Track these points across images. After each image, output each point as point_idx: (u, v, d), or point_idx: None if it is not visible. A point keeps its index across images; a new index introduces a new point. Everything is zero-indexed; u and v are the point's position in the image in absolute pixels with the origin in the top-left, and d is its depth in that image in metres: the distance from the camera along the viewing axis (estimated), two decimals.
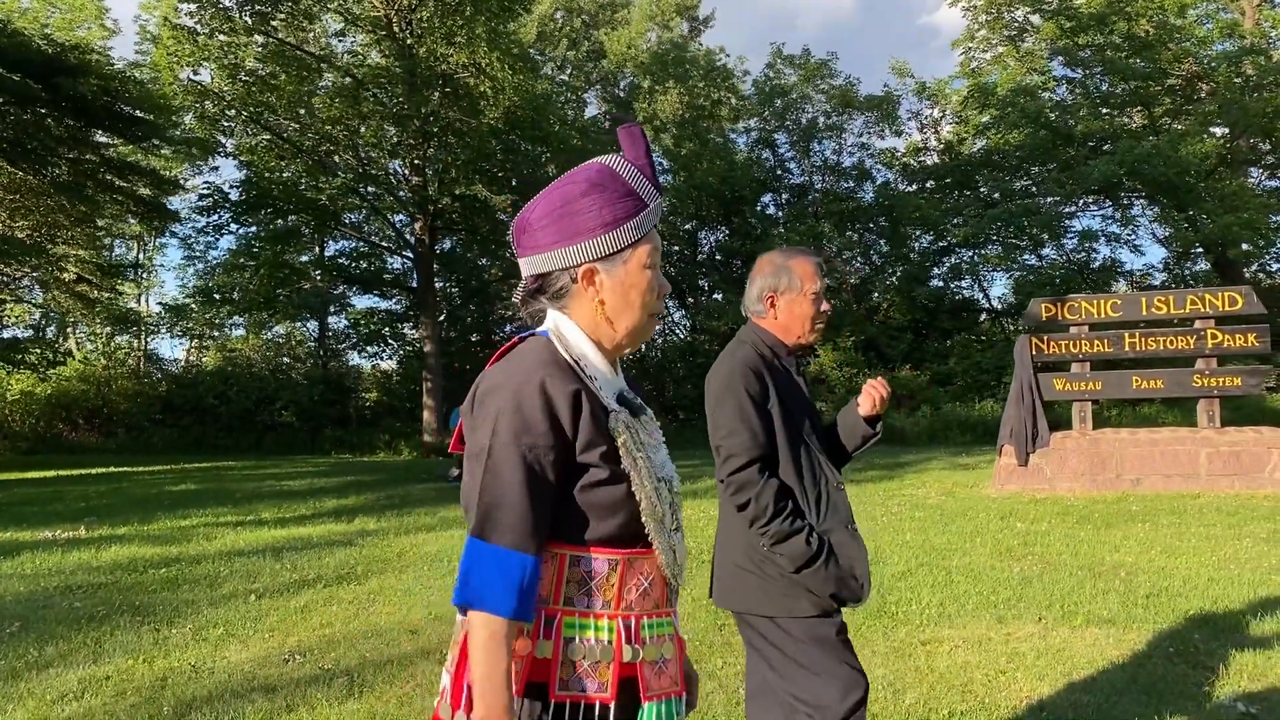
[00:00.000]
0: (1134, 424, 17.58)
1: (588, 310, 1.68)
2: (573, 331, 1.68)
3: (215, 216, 22.93)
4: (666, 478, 1.71)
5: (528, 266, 1.71)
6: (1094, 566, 6.73)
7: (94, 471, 17.65)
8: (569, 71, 35.96)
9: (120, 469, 18.42)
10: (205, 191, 23.15)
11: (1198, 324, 10.72)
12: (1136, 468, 10.50)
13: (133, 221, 24.04)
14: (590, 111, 33.94)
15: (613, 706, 1.58)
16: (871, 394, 2.79)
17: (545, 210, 1.67)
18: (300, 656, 5.09)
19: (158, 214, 21.65)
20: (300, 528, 9.70)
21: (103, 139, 19.94)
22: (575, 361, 1.65)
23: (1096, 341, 10.99)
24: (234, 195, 22.73)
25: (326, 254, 29.16)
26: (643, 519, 1.63)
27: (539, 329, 1.72)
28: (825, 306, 2.82)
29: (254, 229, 24.00)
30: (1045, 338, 11.21)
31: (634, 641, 1.62)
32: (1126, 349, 10.91)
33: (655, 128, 32.11)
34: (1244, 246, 25.61)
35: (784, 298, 2.79)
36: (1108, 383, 10.99)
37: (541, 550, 1.55)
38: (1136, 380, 10.92)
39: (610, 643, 1.60)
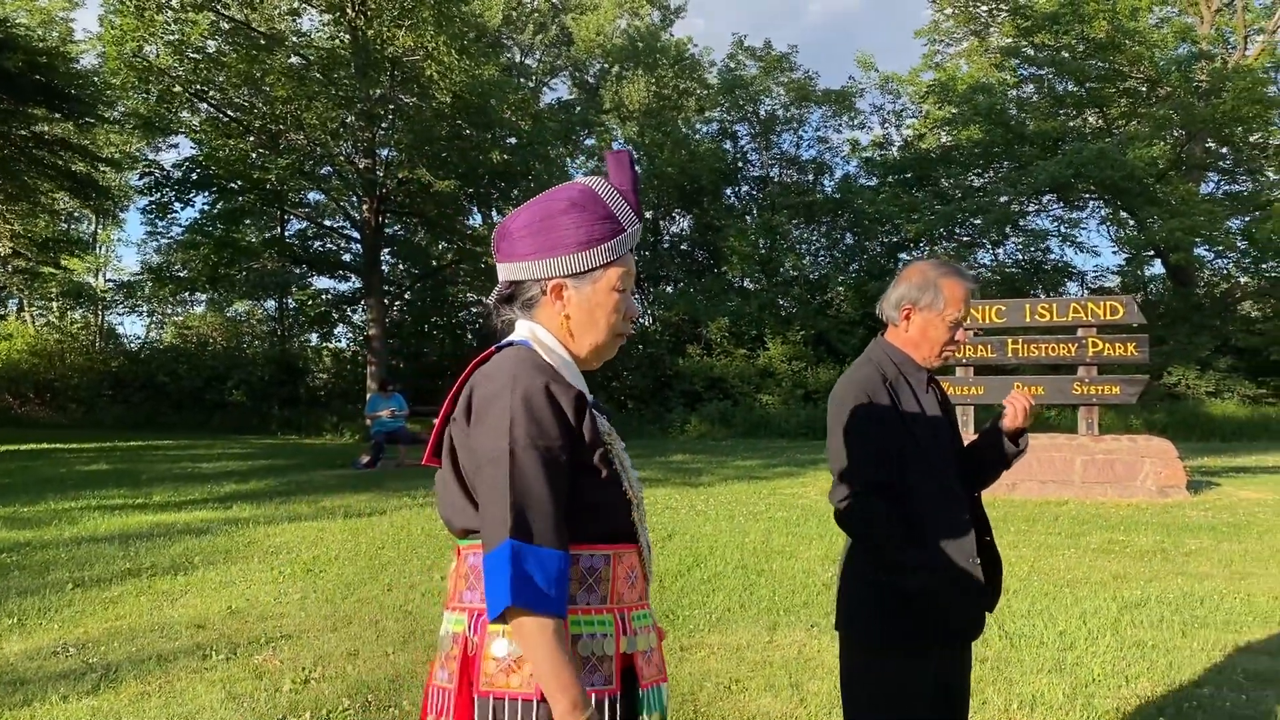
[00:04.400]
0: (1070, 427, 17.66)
1: (554, 323, 1.74)
2: (551, 340, 1.73)
3: (158, 195, 22.86)
4: (635, 478, 1.79)
5: (504, 273, 1.78)
6: None
7: (20, 448, 17.63)
8: (537, 57, 35.87)
9: (53, 445, 18.41)
10: (146, 170, 23.08)
11: (1080, 332, 10.83)
12: (1014, 473, 10.54)
13: (68, 198, 23.94)
14: (549, 97, 33.87)
15: (618, 698, 1.64)
16: (1016, 405, 2.66)
17: (526, 221, 1.73)
18: (74, 649, 5.14)
19: (94, 191, 21.56)
20: (176, 513, 9.75)
21: (39, 113, 19.84)
22: (558, 369, 1.70)
23: (980, 346, 11.10)
24: (176, 174, 22.69)
25: (287, 235, 29.17)
26: (632, 516, 1.71)
27: (515, 338, 1.75)
28: (960, 335, 2.68)
29: (199, 208, 24.00)
30: None
31: (629, 633, 1.69)
32: (1009, 355, 11.03)
33: (621, 116, 32.14)
34: (1200, 251, 25.80)
35: (921, 314, 2.63)
36: (990, 388, 11.10)
37: (568, 547, 1.59)
38: (1018, 386, 10.99)
39: (610, 636, 1.66)
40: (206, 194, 23.59)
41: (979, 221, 26.73)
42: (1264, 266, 25.54)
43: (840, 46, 57.45)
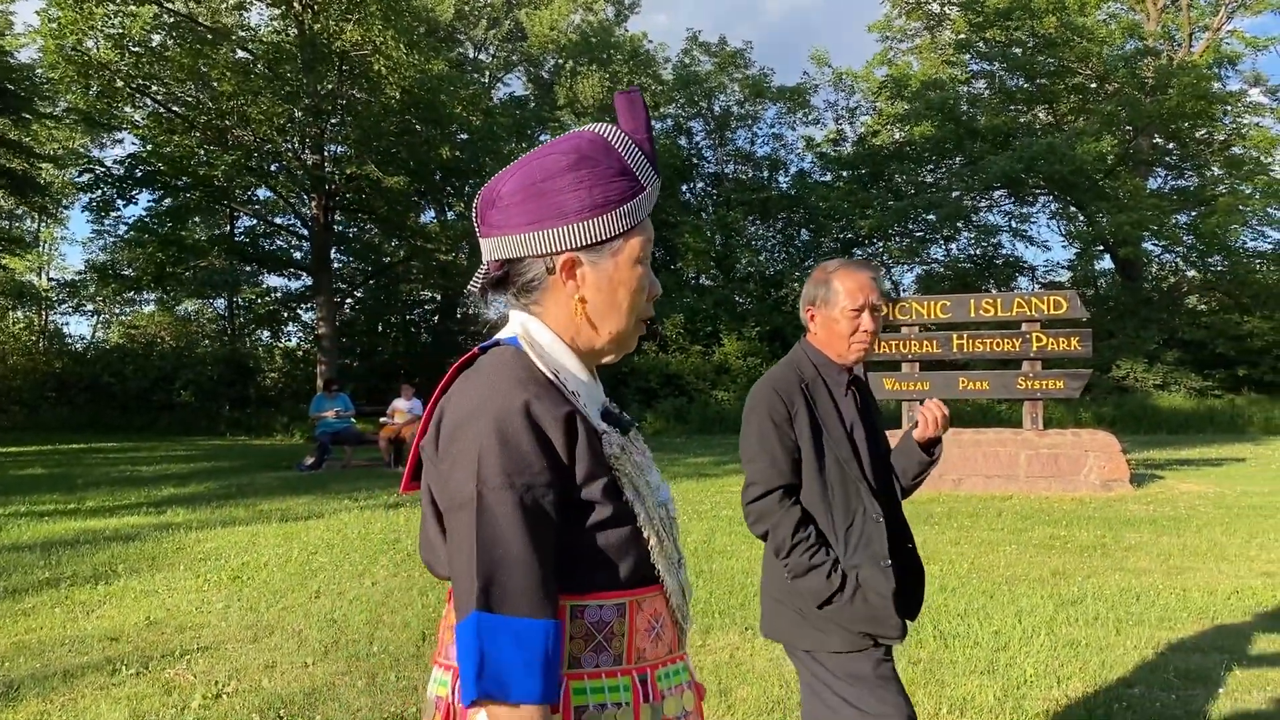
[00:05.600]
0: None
1: (564, 310, 1.40)
2: (546, 337, 1.39)
3: (100, 193, 22.36)
4: (664, 502, 1.45)
5: (493, 249, 1.40)
6: None
7: None
8: (490, 52, 35.58)
9: None
10: (87, 167, 22.60)
11: (1024, 327, 10.86)
12: (959, 468, 10.61)
13: (5, 196, 23.37)
14: (503, 93, 33.62)
15: None
16: (927, 415, 2.64)
17: (521, 183, 1.37)
18: None
19: (33, 189, 21.02)
20: (107, 519, 9.47)
21: None
22: (554, 375, 1.36)
23: (926, 342, 11.11)
24: (119, 171, 22.23)
25: (235, 233, 28.73)
26: (653, 559, 1.38)
27: (504, 335, 1.42)
28: (868, 325, 2.58)
29: (143, 206, 23.55)
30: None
31: (652, 698, 1.37)
32: (954, 350, 11.03)
33: (576, 112, 31.92)
34: (1147, 245, 26.17)
35: (820, 312, 2.63)
36: (935, 383, 11.10)
37: (558, 611, 1.26)
38: (963, 381, 11.07)
39: (628, 704, 1.34)
40: (151, 191, 23.11)
41: (932, 217, 26.92)
42: (1210, 260, 25.96)
43: (798, 43, 57.75)
